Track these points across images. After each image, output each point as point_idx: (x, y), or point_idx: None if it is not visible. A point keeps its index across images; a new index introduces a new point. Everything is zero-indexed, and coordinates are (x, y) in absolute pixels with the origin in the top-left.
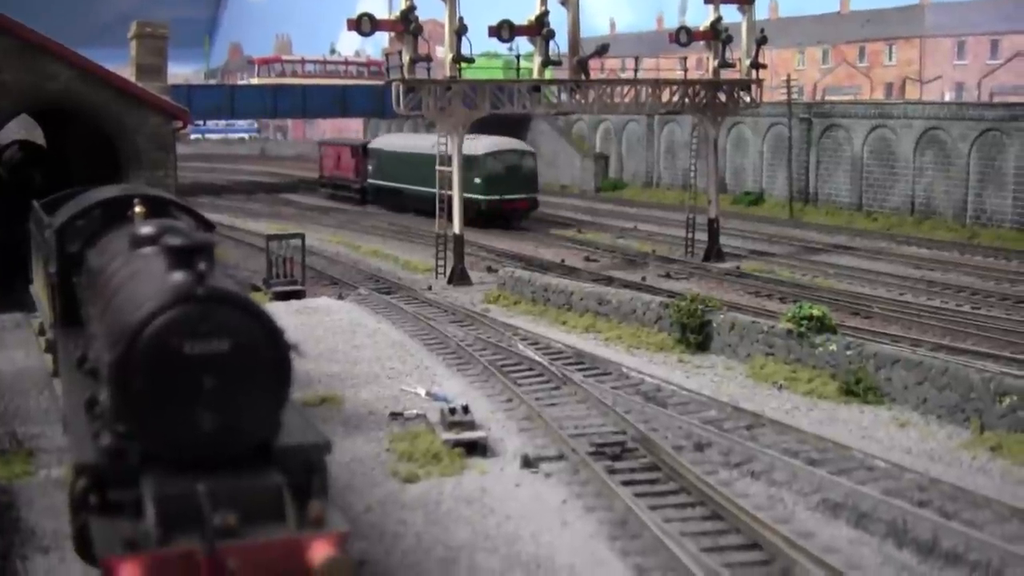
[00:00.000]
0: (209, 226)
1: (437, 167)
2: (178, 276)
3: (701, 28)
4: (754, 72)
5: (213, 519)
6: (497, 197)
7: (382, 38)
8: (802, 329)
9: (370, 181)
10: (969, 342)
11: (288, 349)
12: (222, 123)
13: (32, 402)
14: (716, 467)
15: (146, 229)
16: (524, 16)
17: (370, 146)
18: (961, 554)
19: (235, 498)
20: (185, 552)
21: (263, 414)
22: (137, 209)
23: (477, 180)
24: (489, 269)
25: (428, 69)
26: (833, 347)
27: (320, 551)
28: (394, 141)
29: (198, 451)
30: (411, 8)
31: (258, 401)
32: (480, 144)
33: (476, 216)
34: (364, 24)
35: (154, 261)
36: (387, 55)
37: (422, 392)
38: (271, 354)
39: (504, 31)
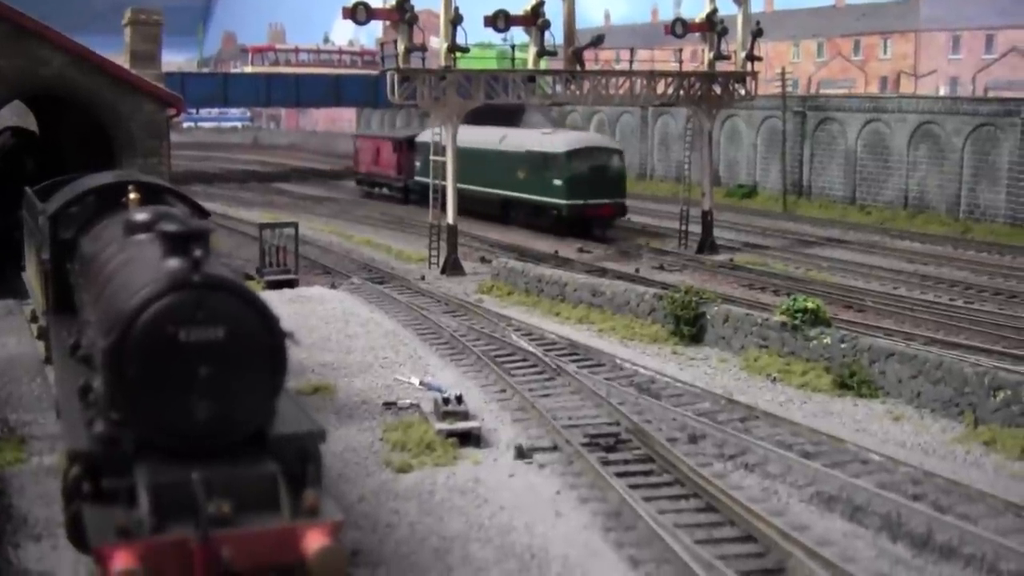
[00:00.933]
0: (204, 213)
1: (431, 156)
2: (173, 263)
3: (697, 20)
4: (749, 65)
5: (207, 507)
6: (580, 202)
7: (376, 27)
8: (796, 322)
9: (417, 179)
10: (962, 336)
11: (283, 337)
12: (215, 111)
13: (24, 389)
14: (710, 459)
15: (141, 216)
16: (520, 6)
17: (417, 140)
18: (955, 548)
19: (229, 486)
20: (179, 540)
21: (258, 402)
22: (131, 196)
23: (557, 182)
24: (483, 260)
25: (423, 58)
26: (827, 340)
27: (314, 540)
28: None
29: (192, 439)
30: None
31: (253, 389)
32: (560, 140)
33: (555, 223)
34: (359, 13)
35: (149, 248)
36: (382, 44)
37: (415, 382)
38: (266, 342)
39: (500, 21)
